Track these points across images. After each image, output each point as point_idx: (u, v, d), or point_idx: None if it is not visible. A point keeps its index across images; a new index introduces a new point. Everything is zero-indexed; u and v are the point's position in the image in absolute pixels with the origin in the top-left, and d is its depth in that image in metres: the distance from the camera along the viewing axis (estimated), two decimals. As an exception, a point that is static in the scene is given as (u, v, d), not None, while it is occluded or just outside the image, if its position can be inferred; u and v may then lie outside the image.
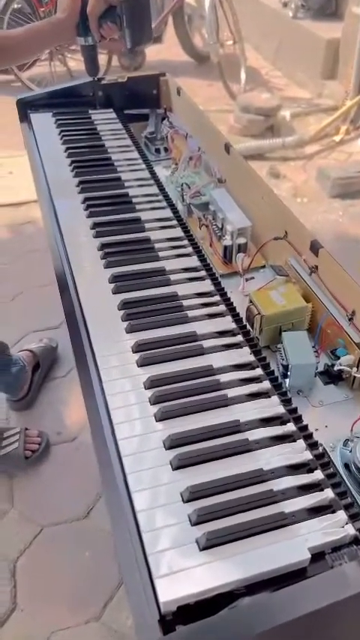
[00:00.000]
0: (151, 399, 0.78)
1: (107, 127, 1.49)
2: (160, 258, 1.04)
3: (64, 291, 0.98)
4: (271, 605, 0.54)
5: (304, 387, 0.89)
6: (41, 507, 1.51)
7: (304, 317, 0.96)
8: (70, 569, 1.40)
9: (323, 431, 0.82)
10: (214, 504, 0.65)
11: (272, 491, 0.67)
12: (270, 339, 0.95)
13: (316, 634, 0.57)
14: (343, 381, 0.90)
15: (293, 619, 0.53)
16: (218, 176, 1.33)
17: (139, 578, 0.60)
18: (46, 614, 1.32)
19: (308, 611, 0.53)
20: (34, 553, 1.43)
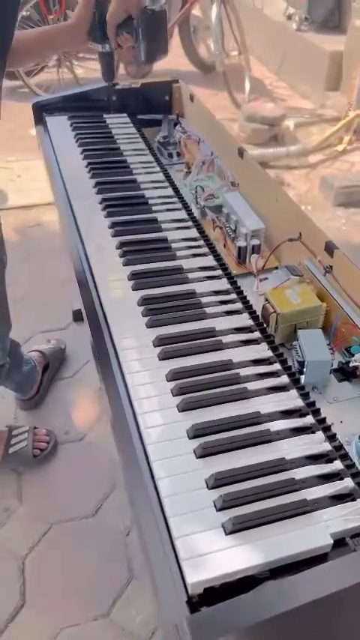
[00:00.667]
0: (173, 390, 0.80)
1: (121, 131, 1.52)
2: (177, 257, 1.07)
3: (84, 287, 1.01)
4: (295, 587, 0.56)
5: (319, 383, 0.91)
6: (50, 505, 1.53)
7: (318, 316, 0.98)
8: (79, 567, 1.40)
9: (338, 426, 0.84)
10: (238, 491, 0.67)
11: (294, 480, 0.68)
12: (285, 337, 0.98)
13: (339, 616, 0.59)
14: (358, 378, 0.92)
15: (315, 600, 0.55)
16: (231, 180, 1.36)
17: (166, 562, 0.61)
18: (55, 611, 1.32)
19: (331, 592, 0.55)
20: (42, 550, 1.44)
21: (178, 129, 1.60)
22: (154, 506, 0.66)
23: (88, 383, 1.85)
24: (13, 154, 3.04)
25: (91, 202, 1.22)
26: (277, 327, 0.96)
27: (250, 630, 0.52)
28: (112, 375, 0.83)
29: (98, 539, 1.46)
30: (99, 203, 1.21)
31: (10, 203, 2.75)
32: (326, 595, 0.53)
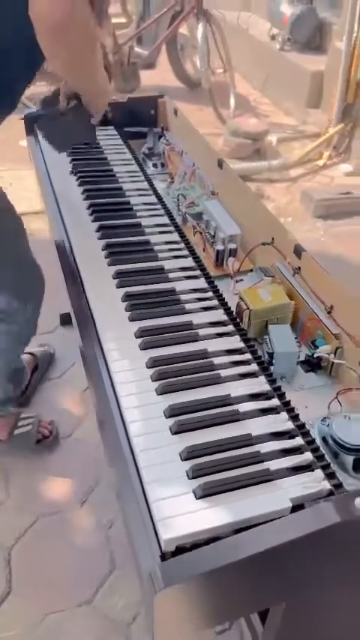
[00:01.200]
0: (152, 376, 0.88)
1: (109, 142, 1.61)
2: (159, 258, 1.15)
3: (72, 284, 1.08)
4: (249, 539, 0.63)
5: (287, 373, 0.99)
6: (37, 498, 1.58)
7: (287, 313, 1.07)
8: (64, 557, 1.46)
9: (303, 411, 0.92)
10: (207, 461, 0.74)
11: (259, 453, 0.76)
12: (257, 332, 1.06)
13: (290, 565, 0.66)
14: (322, 369, 1.01)
15: (266, 550, 0.62)
16: (211, 189, 1.45)
17: (143, 523, 0.69)
18: (40, 598, 1.38)
19: (279, 543, 0.62)
20: (29, 541, 1.49)
21: (162, 141, 1.69)
22: (132, 474, 0.74)
23: (75, 384, 1.91)
24: (3, 163, 3.12)
25: (80, 208, 1.30)
26: (249, 323, 1.05)
27: (210, 575, 0.60)
28: (96, 361, 0.90)
29: (82, 531, 1.52)
30: (87, 209, 1.29)
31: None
32: (274, 546, 0.61)
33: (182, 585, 0.60)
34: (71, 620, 1.34)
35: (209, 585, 0.62)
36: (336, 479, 0.76)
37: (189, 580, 0.59)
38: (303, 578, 0.68)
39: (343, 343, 0.97)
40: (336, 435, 0.84)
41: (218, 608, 0.67)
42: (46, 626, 1.33)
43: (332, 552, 0.66)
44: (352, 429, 0.85)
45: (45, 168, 1.48)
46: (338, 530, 0.63)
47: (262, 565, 0.63)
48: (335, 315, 0.99)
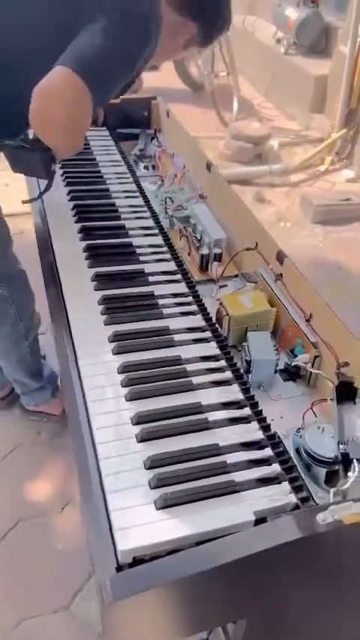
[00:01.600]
0: (122, 381, 0.86)
1: (99, 143, 1.60)
2: (140, 261, 1.13)
3: (52, 284, 1.07)
4: (202, 554, 0.61)
5: (264, 381, 0.98)
6: (18, 501, 1.57)
7: (268, 320, 1.05)
8: (43, 561, 1.44)
9: (279, 421, 0.90)
10: (171, 471, 0.73)
11: (225, 463, 0.75)
12: (237, 339, 1.04)
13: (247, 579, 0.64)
14: (301, 378, 0.99)
15: (221, 565, 0.60)
16: (200, 192, 1.43)
17: (102, 533, 0.67)
18: (17, 602, 1.36)
19: (234, 558, 0.60)
20: (8, 544, 1.48)
21: (154, 143, 1.68)
22: (94, 482, 0.72)
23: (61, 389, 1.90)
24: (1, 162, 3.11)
25: (64, 209, 1.28)
26: (229, 329, 1.03)
27: (163, 589, 0.58)
28: (67, 363, 0.89)
29: (63, 535, 1.50)
30: (71, 209, 1.28)
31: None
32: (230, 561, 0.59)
33: (132, 599, 0.58)
34: (47, 625, 1.32)
35: (162, 599, 0.60)
36: (304, 492, 0.74)
37: (139, 593, 0.58)
38: (263, 594, 0.66)
39: (321, 352, 0.95)
40: (308, 447, 0.82)
41: (173, 623, 0.65)
42: (20, 631, 1.31)
43: (292, 568, 0.64)
44: (324, 440, 0.83)
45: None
46: (298, 546, 0.61)
47: (218, 580, 0.61)
48: (314, 323, 0.97)
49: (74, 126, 1.00)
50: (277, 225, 2.95)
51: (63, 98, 0.95)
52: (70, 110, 0.96)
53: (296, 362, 0.97)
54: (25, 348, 1.53)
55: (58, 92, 0.95)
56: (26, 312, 1.49)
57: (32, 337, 1.54)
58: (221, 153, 3.51)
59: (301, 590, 0.67)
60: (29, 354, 1.55)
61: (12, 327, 1.48)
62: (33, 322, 1.53)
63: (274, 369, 0.98)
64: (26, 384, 1.65)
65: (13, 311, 1.44)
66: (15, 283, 1.43)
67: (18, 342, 1.51)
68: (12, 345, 1.52)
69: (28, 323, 1.50)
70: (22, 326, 1.49)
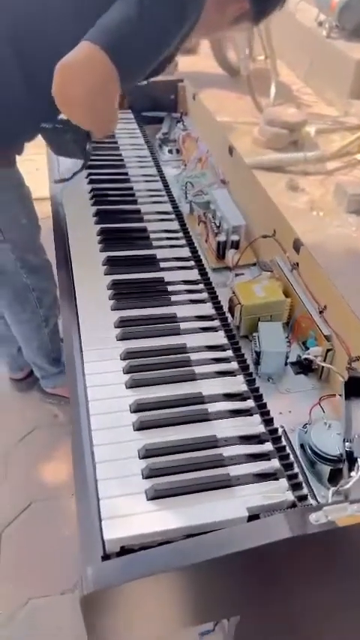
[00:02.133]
0: (124, 368, 0.84)
1: (123, 126, 1.58)
2: (153, 246, 1.11)
3: (63, 267, 1.06)
4: (186, 549, 0.59)
5: (274, 374, 0.94)
6: (33, 483, 1.58)
7: (282, 310, 1.02)
8: (53, 543, 1.46)
9: (287, 415, 0.87)
10: (165, 461, 0.71)
11: (221, 456, 0.72)
12: (249, 329, 1.01)
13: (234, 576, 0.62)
14: (313, 372, 0.95)
15: (205, 560, 0.58)
16: (222, 177, 1.39)
17: (90, 521, 0.66)
18: (26, 582, 1.38)
19: (220, 555, 0.58)
20: (20, 525, 1.50)
21: (179, 126, 1.64)
22: (88, 469, 0.71)
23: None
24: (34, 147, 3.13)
25: (81, 192, 1.27)
26: (240, 319, 1.00)
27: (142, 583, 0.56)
28: (72, 347, 0.88)
29: (73, 519, 1.51)
30: (88, 192, 1.26)
31: (28, 194, 2.84)
32: (214, 557, 0.56)
33: (114, 589, 0.56)
34: (53, 606, 1.34)
35: (143, 592, 0.58)
36: (302, 489, 0.71)
37: (121, 584, 0.56)
38: (254, 592, 0.64)
39: (334, 346, 0.92)
40: (312, 443, 0.79)
41: (159, 617, 0.63)
42: (28, 610, 1.33)
43: (282, 568, 0.62)
44: (330, 437, 0.79)
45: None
46: (288, 546, 0.58)
47: (205, 576, 0.59)
48: (328, 315, 0.93)
49: (96, 105, 0.94)
50: (310, 214, 2.88)
51: (84, 75, 0.89)
52: (91, 88, 0.90)
53: (307, 355, 0.93)
54: (45, 335, 1.54)
55: (80, 69, 0.89)
56: (47, 299, 1.49)
57: (52, 324, 1.54)
58: (255, 139, 3.44)
59: (293, 591, 0.65)
60: (49, 340, 1.56)
61: (32, 315, 1.48)
62: (53, 310, 1.53)
63: (285, 361, 0.95)
64: (45, 369, 1.65)
65: (33, 298, 1.44)
66: (38, 273, 1.42)
67: (38, 328, 1.51)
68: (32, 331, 1.52)
69: (48, 311, 1.51)
70: (42, 313, 1.49)
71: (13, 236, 1.29)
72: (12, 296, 1.43)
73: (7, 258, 1.32)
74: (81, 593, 0.57)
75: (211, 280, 1.07)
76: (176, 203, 1.28)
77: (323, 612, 0.71)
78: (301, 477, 0.74)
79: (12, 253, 1.31)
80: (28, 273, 1.38)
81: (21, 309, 1.46)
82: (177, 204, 1.28)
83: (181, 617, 0.65)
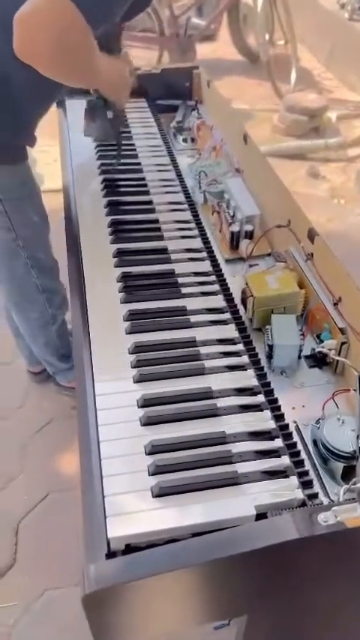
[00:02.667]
0: (132, 362, 0.83)
1: (136, 115, 1.55)
2: (164, 238, 1.09)
3: (73, 259, 1.05)
4: (190, 548, 0.58)
5: (287, 368, 0.92)
6: (49, 474, 1.59)
7: (296, 302, 0.99)
8: (69, 535, 1.46)
9: (300, 410, 0.85)
10: (171, 458, 0.69)
11: (230, 452, 0.71)
12: (262, 321, 0.98)
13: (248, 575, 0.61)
14: (328, 365, 0.93)
15: (207, 561, 0.56)
16: (236, 166, 1.36)
17: (95, 518, 0.65)
18: (42, 573, 1.39)
19: (223, 556, 0.56)
20: (37, 516, 1.51)
21: (194, 114, 1.61)
22: (94, 465, 0.70)
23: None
24: (51, 138, 3.13)
25: (93, 184, 1.26)
26: (253, 311, 0.98)
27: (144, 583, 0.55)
28: (80, 341, 0.87)
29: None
30: (100, 183, 1.25)
31: (45, 187, 2.84)
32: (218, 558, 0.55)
33: (113, 589, 0.55)
34: (68, 597, 1.34)
35: (146, 592, 0.57)
36: (313, 488, 0.69)
37: (119, 585, 0.55)
38: (260, 592, 0.63)
39: (349, 339, 0.89)
40: (325, 439, 0.77)
41: (163, 616, 0.62)
42: (43, 601, 1.34)
43: (288, 569, 0.60)
44: (344, 433, 0.77)
45: (68, 141, 1.45)
46: (295, 547, 0.56)
47: (209, 575, 0.57)
48: (342, 307, 0.90)
49: (68, 52, 0.88)
50: (331, 201, 2.82)
51: (46, 20, 0.83)
52: (57, 33, 0.85)
53: (321, 348, 0.90)
54: (53, 333, 1.53)
55: (40, 14, 0.83)
56: (56, 299, 1.49)
57: (59, 322, 1.54)
58: (275, 126, 3.37)
59: (300, 592, 0.63)
60: (57, 337, 1.56)
61: (40, 314, 1.47)
62: (62, 309, 1.53)
63: (299, 354, 0.92)
64: (55, 365, 1.65)
65: (43, 299, 1.44)
66: (48, 273, 1.42)
67: (45, 326, 1.51)
68: (39, 329, 1.52)
69: (56, 310, 1.50)
70: (51, 312, 1.48)
71: (24, 233, 1.28)
72: (21, 296, 1.43)
73: (18, 258, 1.32)
74: (83, 591, 0.56)
75: (224, 272, 1.05)
76: (189, 193, 1.26)
77: (332, 613, 0.69)
78: (312, 474, 0.72)
79: (23, 252, 1.31)
80: (39, 273, 1.38)
81: (30, 307, 1.46)
82: (190, 195, 1.25)
83: (186, 617, 0.64)
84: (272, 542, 0.56)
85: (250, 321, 0.97)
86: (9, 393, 1.82)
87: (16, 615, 1.31)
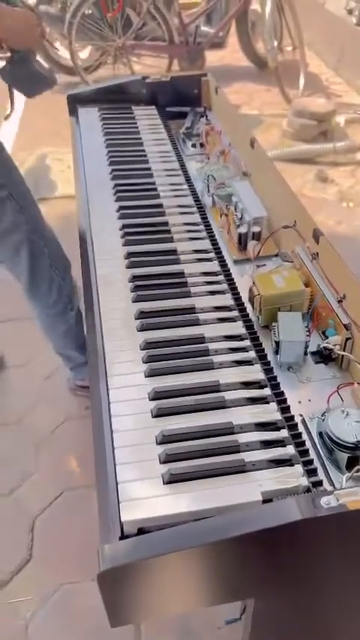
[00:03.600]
0: (143, 358, 0.87)
1: (146, 122, 1.60)
2: (173, 240, 1.13)
3: (86, 261, 1.09)
4: (196, 530, 0.61)
5: (294, 363, 0.95)
6: (64, 472, 1.63)
7: (302, 300, 1.02)
8: (84, 531, 1.50)
9: (306, 404, 0.87)
10: (181, 447, 0.73)
11: (237, 442, 0.74)
12: (269, 319, 1.01)
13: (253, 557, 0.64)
14: (334, 361, 0.96)
15: (215, 541, 0.59)
16: (244, 170, 1.40)
17: (109, 504, 0.68)
18: (57, 568, 1.43)
19: (228, 536, 0.59)
20: (52, 513, 1.55)
21: (202, 121, 1.65)
22: (107, 453, 0.74)
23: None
24: (66, 146, 3.19)
25: (105, 189, 1.30)
26: (260, 309, 1.01)
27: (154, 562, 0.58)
28: (94, 338, 0.91)
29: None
30: (112, 189, 1.29)
31: (58, 193, 2.90)
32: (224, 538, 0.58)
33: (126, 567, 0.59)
34: (84, 592, 1.38)
35: (157, 570, 0.60)
36: (316, 476, 0.72)
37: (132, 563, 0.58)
38: (266, 574, 0.65)
39: (353, 335, 0.91)
40: (330, 430, 0.80)
41: (171, 595, 0.65)
42: (59, 595, 1.37)
43: (294, 550, 0.63)
44: (347, 425, 0.80)
45: (81, 148, 1.49)
46: (298, 528, 0.59)
47: (215, 556, 0.60)
48: (347, 304, 0.93)
49: None
50: (339, 205, 2.84)
51: None
52: None
53: (326, 344, 0.93)
54: (72, 318, 1.59)
55: None
56: (68, 277, 1.55)
57: (76, 307, 1.60)
58: (284, 131, 3.41)
59: (306, 575, 0.66)
60: (75, 324, 1.61)
61: (59, 296, 1.53)
62: (75, 292, 1.59)
63: (305, 350, 0.95)
64: (73, 357, 1.70)
65: (59, 279, 1.50)
66: (56, 250, 1.49)
67: (64, 311, 1.56)
68: (59, 315, 1.57)
69: (70, 290, 1.57)
70: (66, 294, 1.54)
71: (30, 216, 1.37)
72: (39, 279, 1.50)
73: (33, 240, 1.41)
74: (98, 569, 0.59)
75: (232, 272, 1.08)
76: (198, 196, 1.29)
77: (337, 596, 0.72)
78: (317, 463, 0.75)
79: (34, 235, 1.40)
80: (49, 252, 1.47)
81: (48, 291, 1.52)
82: (199, 198, 1.29)
83: (195, 597, 0.67)
84: (276, 523, 0.59)
85: (257, 319, 1.00)
86: (24, 395, 1.86)
87: (32, 609, 1.35)
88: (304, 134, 3.33)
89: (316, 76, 4.27)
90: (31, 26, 1.26)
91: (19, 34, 1.23)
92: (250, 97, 4.01)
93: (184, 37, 3.74)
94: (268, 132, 3.44)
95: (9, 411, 1.82)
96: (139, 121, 1.61)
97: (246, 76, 4.30)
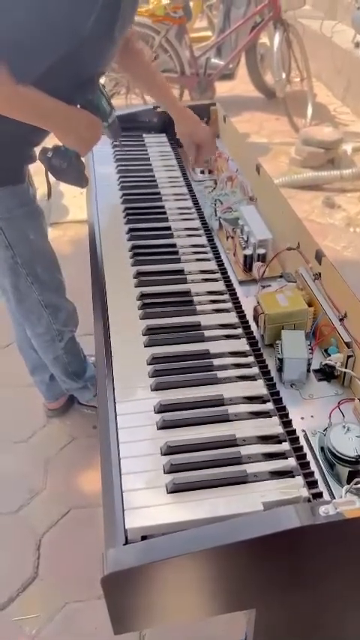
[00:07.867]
0: (150, 372, 0.89)
1: (157, 149, 1.66)
2: (181, 260, 1.17)
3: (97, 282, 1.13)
4: (208, 532, 0.63)
5: (297, 380, 0.97)
6: (71, 490, 1.64)
7: (305, 319, 1.04)
8: (90, 549, 1.50)
9: (309, 420, 0.90)
10: (185, 458, 0.75)
11: (239, 454, 0.76)
12: (273, 338, 1.04)
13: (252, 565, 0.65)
14: (336, 378, 0.98)
15: (213, 547, 0.61)
16: (250, 194, 1.44)
17: (114, 512, 0.70)
18: (63, 587, 1.43)
19: (226, 543, 0.61)
20: (59, 531, 1.55)
21: (211, 148, 1.71)
22: (114, 463, 0.76)
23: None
24: (78, 172, 3.27)
25: (115, 212, 1.35)
26: (265, 328, 1.04)
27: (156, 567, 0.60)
28: (102, 353, 0.94)
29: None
30: (122, 212, 1.34)
31: (70, 217, 2.97)
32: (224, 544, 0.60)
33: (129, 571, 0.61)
34: (90, 611, 1.37)
35: (159, 575, 0.62)
36: (317, 487, 0.74)
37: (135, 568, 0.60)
38: (267, 583, 0.67)
39: (354, 352, 0.94)
40: (331, 445, 0.81)
41: (172, 601, 0.67)
42: (65, 613, 1.37)
43: (291, 558, 0.64)
44: (348, 439, 0.81)
45: (93, 174, 1.55)
46: (296, 536, 0.61)
47: (215, 562, 0.62)
48: (348, 323, 0.96)
49: None
50: (347, 230, 2.88)
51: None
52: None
53: (328, 361, 0.95)
54: (59, 349, 1.60)
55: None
56: (61, 315, 1.55)
57: (67, 339, 1.60)
58: (292, 159, 3.48)
59: (304, 582, 0.67)
60: (64, 354, 1.62)
61: (47, 329, 1.54)
62: (69, 326, 1.60)
63: (307, 368, 0.97)
64: (67, 383, 1.71)
65: (47, 314, 1.51)
66: (50, 290, 1.49)
67: (52, 342, 1.58)
68: (47, 343, 1.59)
69: (62, 327, 1.57)
70: (56, 328, 1.55)
71: (21, 250, 1.36)
72: (27, 311, 1.51)
73: (19, 273, 1.40)
74: (102, 574, 0.61)
75: (238, 293, 1.12)
76: (205, 220, 1.34)
77: (336, 603, 0.72)
78: (318, 476, 0.77)
79: (22, 268, 1.39)
80: (40, 289, 1.45)
81: (36, 322, 1.53)
82: (206, 221, 1.33)
83: (197, 606, 0.68)
84: (275, 530, 0.60)
85: (262, 337, 1.03)
86: (33, 413, 1.89)
87: (38, 626, 1.35)
88: (312, 162, 3.39)
89: (324, 106, 4.37)
90: (92, 137, 1.21)
91: (77, 139, 1.18)
92: (259, 125, 4.10)
93: (194, 68, 3.86)
94: (277, 159, 3.52)
95: (18, 428, 1.85)
96: (149, 148, 1.67)
97: (255, 105, 4.41)
